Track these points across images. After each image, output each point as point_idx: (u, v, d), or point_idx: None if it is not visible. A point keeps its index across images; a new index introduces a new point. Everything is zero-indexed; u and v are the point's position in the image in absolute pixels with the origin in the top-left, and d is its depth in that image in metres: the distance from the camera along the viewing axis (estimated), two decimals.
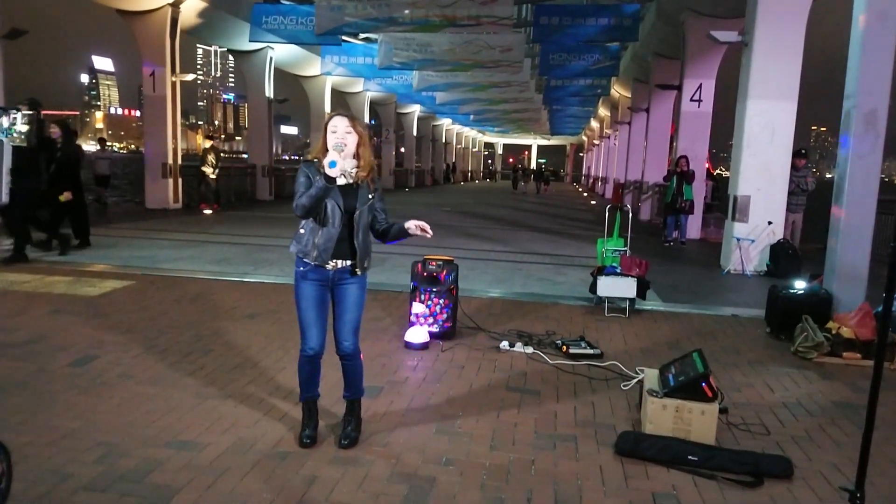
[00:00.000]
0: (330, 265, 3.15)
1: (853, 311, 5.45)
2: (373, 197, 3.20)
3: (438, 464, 3.17)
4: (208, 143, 17.26)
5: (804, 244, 10.36)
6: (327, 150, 3.06)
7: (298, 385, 3.36)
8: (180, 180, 16.52)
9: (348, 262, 3.18)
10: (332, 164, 2.91)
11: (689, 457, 3.25)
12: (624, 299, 6.42)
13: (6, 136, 1.48)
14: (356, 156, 3.14)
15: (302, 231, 3.16)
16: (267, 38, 15.93)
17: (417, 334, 5.11)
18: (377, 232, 3.30)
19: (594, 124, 43.82)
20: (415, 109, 35.82)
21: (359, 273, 3.20)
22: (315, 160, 3.14)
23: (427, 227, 3.17)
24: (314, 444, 3.29)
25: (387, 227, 3.28)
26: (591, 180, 47.83)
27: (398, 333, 5.37)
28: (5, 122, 1.49)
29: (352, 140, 3.10)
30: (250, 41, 16.77)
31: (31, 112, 1.44)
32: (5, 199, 1.41)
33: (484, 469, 3.15)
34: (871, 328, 5.20)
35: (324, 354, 3.26)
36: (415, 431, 3.55)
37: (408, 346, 5.06)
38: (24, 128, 1.48)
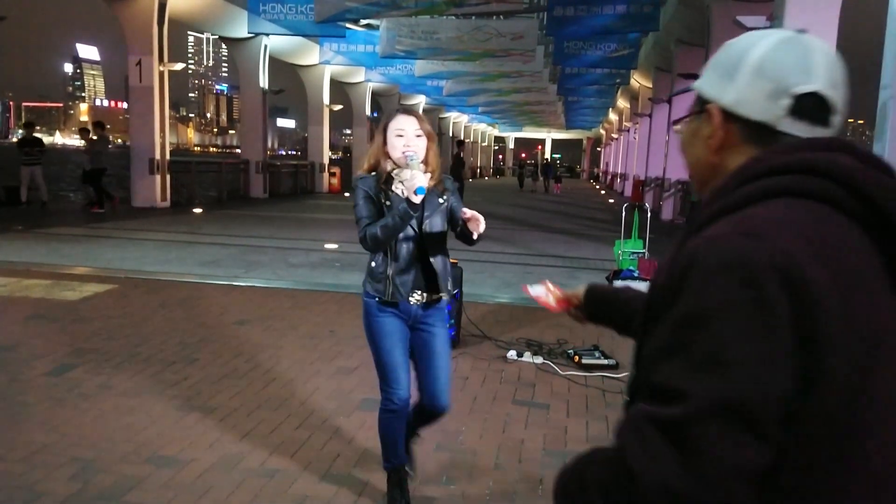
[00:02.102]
0: (413, 299, 2.70)
1: None
2: (444, 200, 2.73)
3: (438, 483, 3.15)
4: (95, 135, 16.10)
5: None
6: (387, 156, 2.67)
7: (382, 447, 2.88)
8: (168, 177, 16.58)
9: (434, 296, 2.75)
10: (421, 191, 2.46)
11: None
12: None
13: None
14: (424, 162, 2.66)
15: (374, 264, 2.73)
16: (266, 28, 15.99)
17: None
18: (459, 235, 2.82)
19: (612, 117, 43.80)
20: (420, 101, 35.87)
21: (444, 297, 2.78)
22: (373, 174, 2.70)
23: (478, 218, 2.66)
24: None
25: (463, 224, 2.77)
26: (608, 177, 47.76)
27: None
28: None
29: (422, 146, 2.65)
30: (248, 32, 16.80)
31: None
32: None
33: (488, 489, 3.13)
34: None
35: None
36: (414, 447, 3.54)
37: None
38: None
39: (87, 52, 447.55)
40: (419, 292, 2.71)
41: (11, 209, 14.26)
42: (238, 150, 26.79)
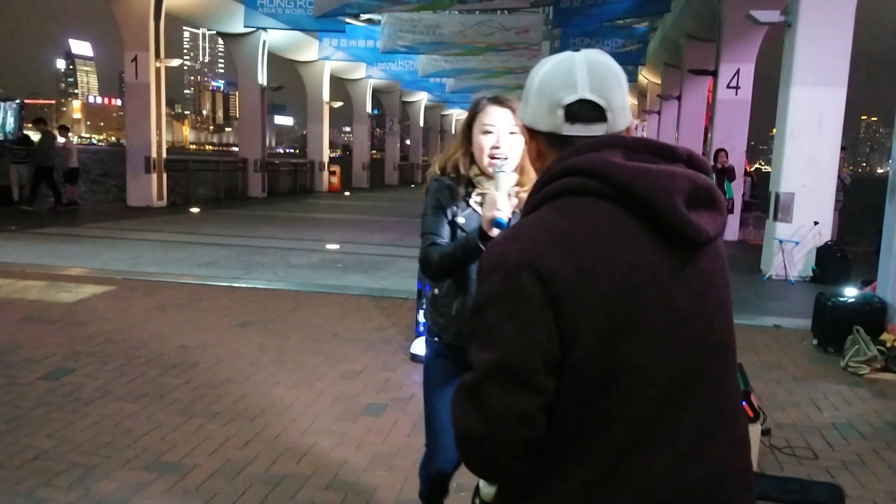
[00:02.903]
0: None
1: None
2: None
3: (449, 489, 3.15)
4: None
5: (847, 246, 10.24)
6: (469, 157, 2.16)
7: (421, 486, 2.58)
8: (165, 176, 16.60)
9: None
10: (502, 223, 1.89)
11: None
12: None
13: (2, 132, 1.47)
14: (518, 169, 2.12)
15: (437, 292, 2.25)
16: (263, 22, 15.98)
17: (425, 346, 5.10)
18: None
19: None
20: (422, 98, 35.89)
21: None
22: (451, 177, 2.18)
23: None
24: None
25: None
26: None
27: (403, 345, 5.35)
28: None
29: (517, 147, 2.06)
30: (245, 26, 16.81)
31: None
32: None
33: None
34: None
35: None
36: (421, 453, 3.53)
37: (414, 358, 5.04)
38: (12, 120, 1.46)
39: (81, 47, 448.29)
40: None
41: (6, 209, 14.32)
42: (235, 148, 26.80)
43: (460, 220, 2.14)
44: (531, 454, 1.09)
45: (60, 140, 15.83)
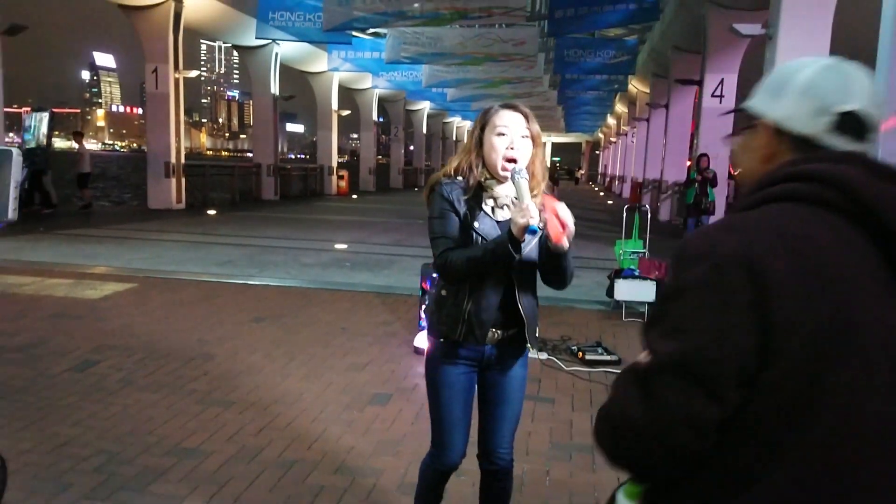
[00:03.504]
0: (488, 337, 2.12)
1: None
2: (542, 226, 1.97)
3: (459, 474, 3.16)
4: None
5: None
6: (480, 159, 2.08)
7: (417, 491, 2.44)
8: (183, 180, 16.63)
9: (512, 331, 2.15)
10: (535, 230, 1.87)
11: None
12: (643, 303, 6.38)
13: (32, 136, 1.49)
14: (530, 174, 2.05)
15: (444, 293, 2.12)
16: (274, 34, 16.01)
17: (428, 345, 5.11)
18: (544, 272, 2.19)
19: (611, 121, 43.72)
20: (424, 106, 35.88)
21: (529, 348, 2.22)
22: (459, 179, 2.10)
23: (565, 217, 1.99)
24: None
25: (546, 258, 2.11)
26: (607, 179, 47.67)
27: (408, 338, 5.36)
28: (37, 123, 1.50)
29: (527, 151, 2.05)
30: (256, 38, 16.85)
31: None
32: (12, 216, 1.39)
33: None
34: None
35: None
36: (424, 441, 3.54)
37: (417, 351, 5.05)
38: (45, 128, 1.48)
39: (104, 59, 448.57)
40: (496, 331, 2.13)
41: (37, 212, 14.38)
42: (249, 154, 26.81)
43: (475, 224, 2.05)
44: (686, 463, 0.93)
45: (74, 146, 15.84)
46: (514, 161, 2.01)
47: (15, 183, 1.35)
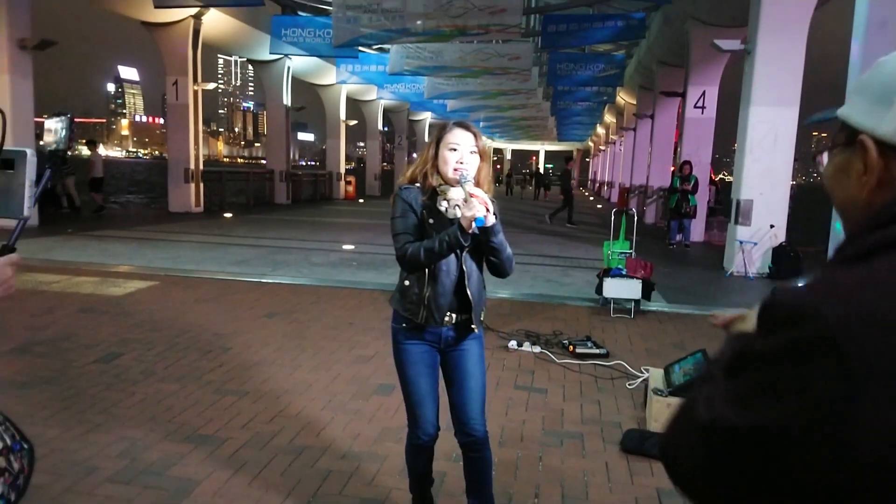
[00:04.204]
0: (445, 320, 2.29)
1: None
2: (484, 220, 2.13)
3: (449, 459, 3.16)
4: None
5: (799, 246, 10.22)
6: (435, 169, 2.24)
7: (408, 475, 2.60)
8: (202, 185, 16.63)
9: (465, 316, 2.31)
10: (481, 223, 2.05)
11: None
12: (629, 300, 6.38)
13: (52, 139, 1.50)
14: (476, 183, 2.21)
15: (407, 283, 2.29)
16: (286, 50, 16.02)
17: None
18: (488, 261, 2.32)
19: (600, 130, 43.67)
20: (426, 116, 35.86)
21: (475, 330, 2.34)
22: (416, 185, 2.26)
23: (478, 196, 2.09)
24: None
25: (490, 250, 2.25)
26: (597, 185, 47.64)
27: None
28: (58, 126, 1.51)
29: (475, 164, 2.21)
30: (270, 53, 16.86)
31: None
32: (27, 212, 1.40)
33: (493, 465, 3.13)
34: None
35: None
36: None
37: None
38: (64, 133, 1.50)
39: (128, 73, 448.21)
40: (451, 314, 2.29)
41: (65, 214, 14.39)
42: (263, 161, 26.79)
43: (430, 221, 2.21)
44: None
45: (87, 152, 15.87)
46: (465, 170, 2.18)
47: (29, 182, 1.37)
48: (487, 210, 2.07)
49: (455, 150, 2.20)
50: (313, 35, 15.57)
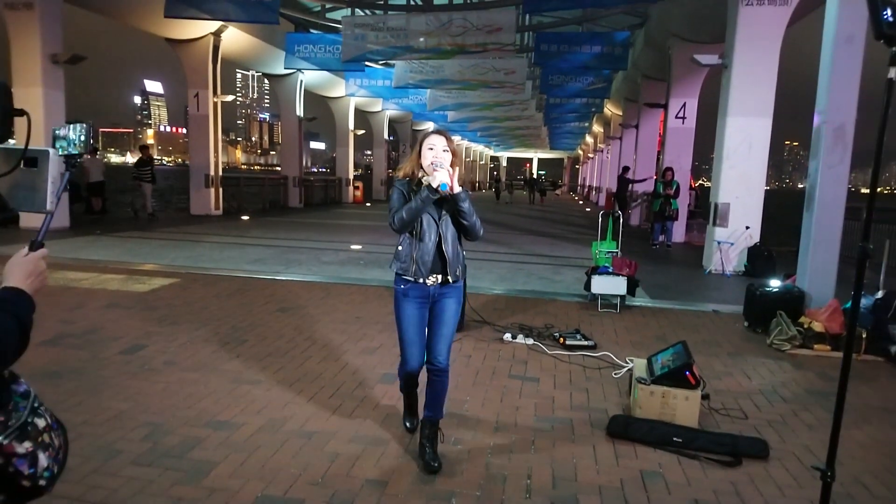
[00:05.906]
0: (430, 280, 2.82)
1: (823, 307, 5.37)
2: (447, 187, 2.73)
3: (448, 443, 3.15)
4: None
5: (773, 246, 10.20)
6: (419, 165, 2.81)
7: (400, 388, 3.25)
8: (221, 190, 16.61)
9: (446, 277, 2.84)
10: (444, 187, 2.64)
11: (674, 438, 3.21)
12: (615, 296, 6.37)
13: (69, 143, 1.50)
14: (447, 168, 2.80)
15: (400, 248, 2.84)
16: (299, 64, 16.02)
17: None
18: (457, 225, 2.85)
19: (589, 139, 43.61)
20: (429, 126, 35.78)
21: (451, 281, 2.84)
22: (407, 179, 2.84)
23: (441, 165, 2.72)
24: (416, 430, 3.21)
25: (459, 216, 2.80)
26: (586, 190, 47.59)
27: None
28: (71, 133, 1.51)
29: (447, 158, 2.77)
30: (284, 67, 16.85)
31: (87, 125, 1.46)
32: (50, 206, 1.41)
33: (489, 448, 3.12)
34: (840, 323, 5.12)
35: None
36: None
37: None
38: (83, 138, 1.50)
39: (153, 86, 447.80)
40: (435, 275, 2.82)
41: (100, 216, 14.40)
42: (278, 168, 26.76)
43: (423, 194, 2.72)
44: None
45: (116, 159, 15.68)
46: (438, 162, 2.75)
47: (52, 178, 1.38)
48: (451, 179, 2.67)
49: (432, 149, 2.78)
50: (324, 51, 15.57)
